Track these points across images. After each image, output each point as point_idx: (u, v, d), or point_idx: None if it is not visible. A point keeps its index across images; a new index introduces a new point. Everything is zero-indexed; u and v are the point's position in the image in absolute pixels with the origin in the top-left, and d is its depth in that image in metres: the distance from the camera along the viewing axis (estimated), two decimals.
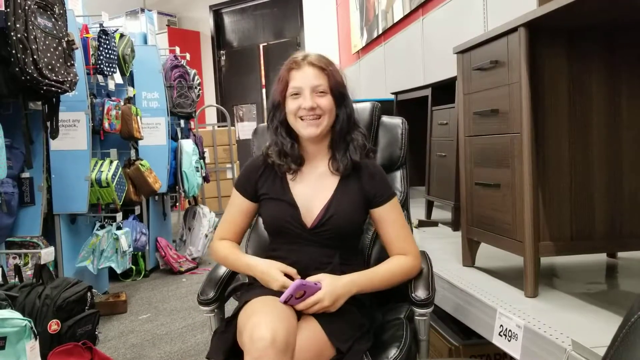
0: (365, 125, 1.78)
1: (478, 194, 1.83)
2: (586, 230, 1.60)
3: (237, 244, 1.64)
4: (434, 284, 1.53)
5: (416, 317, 1.50)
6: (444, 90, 2.83)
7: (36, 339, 1.96)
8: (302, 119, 1.50)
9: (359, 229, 1.60)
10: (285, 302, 1.36)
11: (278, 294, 1.40)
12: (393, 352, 1.40)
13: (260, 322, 1.28)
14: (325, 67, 1.53)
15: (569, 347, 1.20)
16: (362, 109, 1.85)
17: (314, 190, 1.55)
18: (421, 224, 2.83)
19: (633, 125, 1.60)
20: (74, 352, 2.22)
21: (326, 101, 1.51)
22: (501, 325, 1.46)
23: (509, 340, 1.41)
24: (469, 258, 1.96)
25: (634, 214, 1.62)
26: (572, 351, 1.18)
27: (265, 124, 1.70)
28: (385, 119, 1.89)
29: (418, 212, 3.09)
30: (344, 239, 1.55)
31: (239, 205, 1.61)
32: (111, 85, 3.58)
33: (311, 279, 1.41)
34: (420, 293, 1.48)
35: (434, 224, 2.86)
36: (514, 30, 1.56)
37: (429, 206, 2.98)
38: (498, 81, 1.67)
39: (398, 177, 1.82)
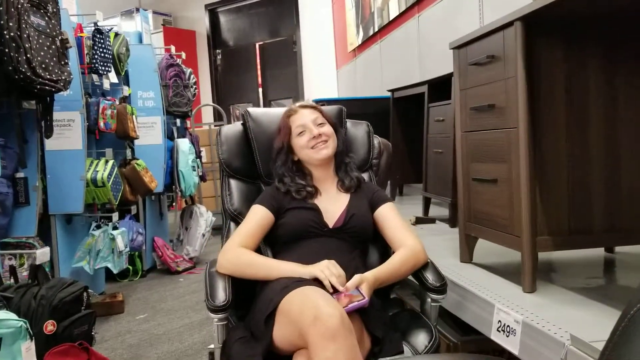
0: None
1: (475, 189, 1.83)
2: (584, 225, 1.59)
3: None
4: (441, 272, 1.61)
5: (432, 304, 1.59)
6: (440, 87, 2.83)
7: (32, 339, 1.95)
8: (312, 148, 1.73)
9: (372, 232, 1.74)
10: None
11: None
12: (428, 337, 1.49)
13: (322, 304, 1.28)
14: (316, 106, 1.83)
15: (567, 341, 1.19)
16: (330, 111, 1.94)
17: (330, 202, 1.74)
18: (418, 220, 2.82)
19: (631, 118, 1.59)
20: (70, 352, 2.21)
21: (327, 128, 1.77)
22: (499, 321, 1.45)
23: (507, 336, 1.40)
24: (467, 254, 1.95)
25: (632, 208, 1.61)
26: (570, 346, 1.17)
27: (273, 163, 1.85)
28: (350, 123, 2.01)
29: (415, 209, 3.09)
30: (362, 239, 1.72)
31: (260, 218, 1.68)
32: (106, 85, 3.56)
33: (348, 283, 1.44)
34: (434, 280, 1.57)
35: (432, 220, 2.85)
36: (510, 24, 1.55)
37: (426, 203, 2.97)
38: (494, 76, 1.67)
39: (366, 179, 1.92)
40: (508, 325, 1.41)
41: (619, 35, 1.58)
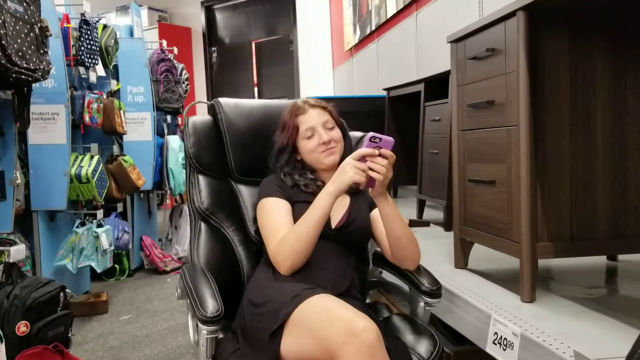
0: None
1: (472, 191, 1.74)
2: (588, 231, 1.52)
3: None
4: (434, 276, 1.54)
5: (426, 308, 1.52)
6: (437, 86, 2.75)
7: (2, 341, 1.87)
8: (321, 152, 1.63)
9: (369, 237, 1.67)
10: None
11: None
12: (432, 344, 1.41)
13: (353, 316, 1.22)
14: (325, 105, 1.71)
15: (570, 358, 1.11)
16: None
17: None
18: (412, 224, 2.73)
19: (639, 116, 1.51)
20: (44, 355, 2.12)
21: (336, 133, 1.67)
22: (495, 333, 1.36)
23: (504, 350, 1.31)
24: (462, 259, 1.88)
25: (638, 213, 1.53)
26: None
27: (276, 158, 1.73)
28: None
29: (409, 211, 3.01)
30: (360, 243, 1.65)
31: (283, 207, 1.58)
32: (92, 78, 3.46)
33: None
34: (429, 284, 1.50)
35: (426, 224, 2.77)
36: (512, 14, 1.47)
37: (421, 205, 2.89)
38: (494, 70, 1.58)
39: None
40: (505, 338, 1.32)
41: (628, 26, 1.50)
